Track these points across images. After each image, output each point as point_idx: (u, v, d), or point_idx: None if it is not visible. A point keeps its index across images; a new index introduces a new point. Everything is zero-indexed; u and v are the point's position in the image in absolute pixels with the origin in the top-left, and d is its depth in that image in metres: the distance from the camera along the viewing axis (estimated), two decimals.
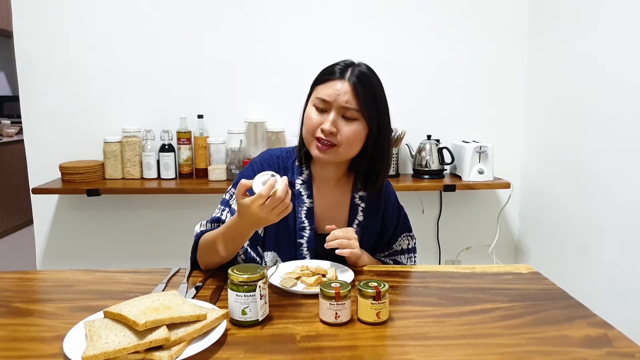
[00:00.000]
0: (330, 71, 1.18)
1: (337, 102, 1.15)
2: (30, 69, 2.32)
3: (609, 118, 1.88)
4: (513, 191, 2.45)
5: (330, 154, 1.17)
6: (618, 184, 1.83)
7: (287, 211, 1.01)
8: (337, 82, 1.15)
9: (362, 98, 1.15)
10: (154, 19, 2.34)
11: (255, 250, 1.22)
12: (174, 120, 2.35)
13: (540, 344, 0.85)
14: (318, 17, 2.39)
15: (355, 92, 1.14)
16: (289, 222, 1.25)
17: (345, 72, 1.16)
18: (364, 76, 1.16)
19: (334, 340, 0.86)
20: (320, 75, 1.21)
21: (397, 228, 1.34)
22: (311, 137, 1.18)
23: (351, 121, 1.16)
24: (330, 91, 1.15)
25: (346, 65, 1.18)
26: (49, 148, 2.36)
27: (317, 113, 1.17)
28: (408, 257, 1.35)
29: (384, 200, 1.32)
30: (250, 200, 0.97)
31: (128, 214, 2.45)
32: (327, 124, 1.14)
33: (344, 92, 1.14)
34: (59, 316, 0.93)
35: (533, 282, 1.14)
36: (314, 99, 1.19)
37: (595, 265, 1.95)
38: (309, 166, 1.27)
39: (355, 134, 1.16)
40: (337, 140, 1.16)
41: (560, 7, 2.21)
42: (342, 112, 1.15)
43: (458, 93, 2.50)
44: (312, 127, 1.17)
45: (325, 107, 1.16)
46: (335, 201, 1.29)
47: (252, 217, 0.99)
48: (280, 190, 0.97)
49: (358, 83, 1.15)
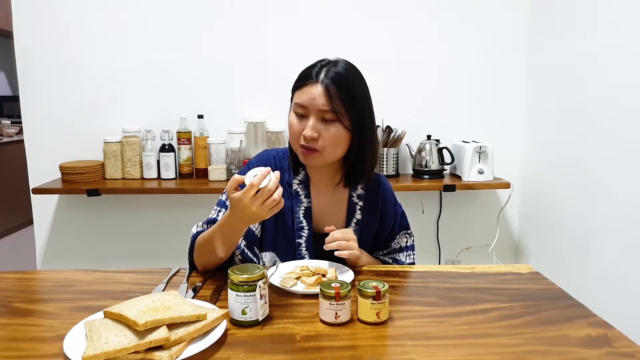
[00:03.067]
0: (306, 75, 1.17)
1: (313, 107, 1.14)
2: (30, 69, 2.32)
3: (609, 118, 1.88)
4: (513, 191, 2.45)
5: (316, 158, 1.17)
6: (618, 184, 1.83)
7: (279, 207, 1.00)
8: (312, 87, 1.14)
9: (337, 99, 1.13)
10: (154, 19, 2.34)
11: (252, 251, 1.22)
12: (174, 120, 2.35)
13: (540, 344, 0.85)
14: (318, 17, 2.39)
15: (328, 95, 1.12)
16: (287, 222, 1.25)
17: (319, 75, 1.14)
18: (338, 76, 1.14)
19: (334, 340, 0.86)
20: (297, 80, 1.20)
21: (395, 226, 1.34)
22: (296, 143, 1.18)
23: (331, 123, 1.15)
24: (306, 96, 1.14)
25: (322, 66, 1.16)
26: (49, 148, 2.36)
27: (297, 119, 1.17)
28: (407, 254, 1.35)
29: (382, 198, 1.32)
30: (241, 192, 0.97)
31: (128, 214, 2.45)
32: (308, 130, 1.14)
33: (318, 95, 1.13)
34: (59, 316, 0.93)
35: (533, 282, 1.14)
36: (293, 105, 1.19)
37: (595, 265, 1.95)
38: (304, 167, 1.27)
39: (337, 137, 1.16)
40: (319, 145, 1.15)
41: (560, 7, 2.21)
42: (320, 115, 1.14)
43: (458, 93, 2.50)
44: (295, 134, 1.17)
45: (304, 112, 1.16)
46: (333, 200, 1.29)
47: (243, 211, 0.98)
48: (272, 182, 0.97)
49: (332, 84, 1.13)
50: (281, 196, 0.99)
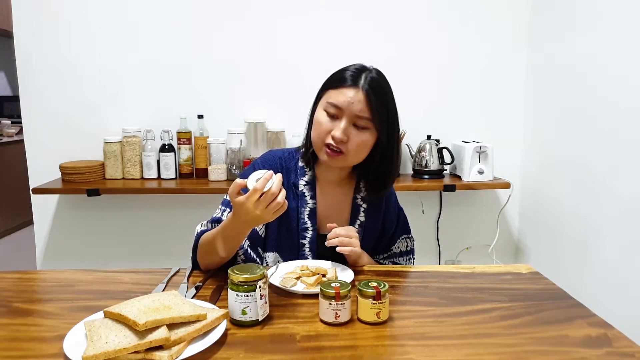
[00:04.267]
0: (343, 77, 1.16)
1: (349, 110, 1.13)
2: (30, 69, 2.32)
3: (608, 118, 1.88)
4: (513, 191, 2.45)
5: (339, 160, 1.17)
6: (618, 183, 1.83)
7: (282, 210, 0.99)
8: (350, 90, 1.13)
9: (376, 108, 1.13)
10: (154, 19, 2.34)
11: (255, 251, 1.22)
12: (174, 120, 2.35)
13: (540, 344, 0.85)
14: (318, 17, 2.39)
15: (368, 102, 1.12)
16: (291, 222, 1.24)
17: (359, 80, 1.13)
18: (377, 84, 1.14)
19: (334, 340, 0.86)
20: (332, 79, 1.18)
21: (396, 229, 1.34)
22: (321, 142, 1.17)
23: (362, 130, 1.15)
24: (343, 98, 1.13)
25: (358, 71, 1.16)
26: (49, 148, 2.36)
27: (328, 119, 1.16)
28: (407, 259, 1.35)
29: (386, 201, 1.32)
30: (244, 197, 0.97)
31: (128, 214, 2.45)
32: (339, 132, 1.13)
33: (357, 100, 1.12)
34: (59, 316, 0.93)
35: (533, 282, 1.14)
36: (324, 103, 1.17)
37: (595, 265, 1.95)
38: (312, 167, 1.27)
39: (365, 143, 1.16)
40: (346, 148, 1.15)
41: (560, 7, 2.21)
42: (353, 120, 1.14)
43: (458, 93, 2.50)
44: (323, 133, 1.16)
45: (337, 113, 1.14)
46: (337, 202, 1.29)
47: (247, 214, 0.98)
48: (275, 185, 0.97)
49: (371, 92, 1.13)
50: (285, 198, 0.99)
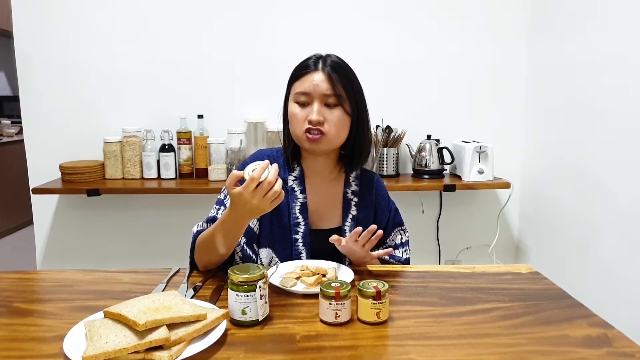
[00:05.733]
0: (304, 65, 1.23)
1: (317, 92, 1.19)
2: (30, 69, 2.32)
3: (608, 118, 1.88)
4: (513, 191, 2.45)
5: (322, 143, 1.20)
6: (618, 184, 1.83)
7: (280, 199, 1.01)
8: (313, 74, 1.20)
9: (339, 84, 1.19)
10: (154, 18, 2.34)
11: (251, 248, 1.23)
12: (174, 120, 2.35)
13: (540, 344, 0.85)
14: (318, 17, 2.39)
15: (331, 80, 1.18)
16: (283, 218, 1.26)
17: (318, 64, 1.21)
18: (337, 64, 1.21)
19: (334, 340, 0.86)
20: (295, 71, 1.25)
21: (389, 222, 1.36)
22: (301, 131, 1.20)
23: (333, 107, 1.20)
24: (308, 84, 1.19)
25: (317, 58, 1.23)
26: (49, 148, 2.36)
27: (300, 108, 1.21)
28: (403, 250, 1.36)
29: (375, 194, 1.34)
30: (242, 187, 0.98)
31: (128, 214, 2.45)
32: (314, 114, 1.18)
33: (321, 81, 1.19)
34: (59, 316, 0.93)
35: (533, 282, 1.14)
36: (293, 95, 1.22)
37: (595, 265, 1.95)
38: (299, 162, 1.30)
39: (341, 120, 1.21)
40: (325, 129, 1.19)
41: (560, 7, 2.21)
42: (323, 100, 1.19)
43: (458, 93, 2.50)
44: (300, 122, 1.20)
45: (307, 100, 1.20)
46: (328, 196, 1.31)
47: (244, 205, 0.99)
48: (271, 174, 0.98)
49: (332, 71, 1.19)
50: (282, 188, 0.99)
